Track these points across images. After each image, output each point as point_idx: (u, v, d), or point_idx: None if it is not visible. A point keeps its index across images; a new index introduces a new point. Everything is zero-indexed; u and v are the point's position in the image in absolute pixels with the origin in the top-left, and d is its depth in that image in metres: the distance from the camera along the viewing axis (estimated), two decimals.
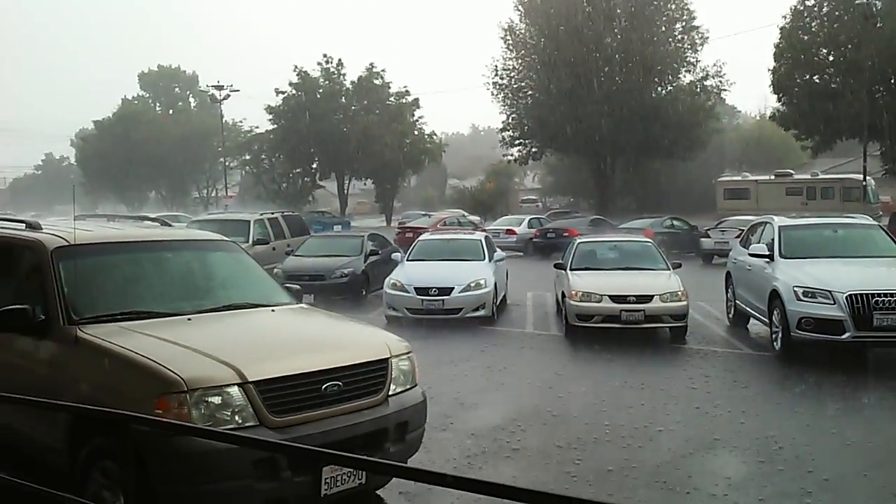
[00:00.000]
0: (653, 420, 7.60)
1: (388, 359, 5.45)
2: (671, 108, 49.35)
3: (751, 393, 8.85)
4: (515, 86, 54.18)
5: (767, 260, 11.21)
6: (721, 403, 8.35)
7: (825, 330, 9.60)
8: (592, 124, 48.64)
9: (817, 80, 39.59)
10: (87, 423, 4.80)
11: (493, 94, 54.72)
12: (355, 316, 10.13)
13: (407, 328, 12.74)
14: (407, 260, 15.00)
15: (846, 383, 9.04)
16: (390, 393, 5.42)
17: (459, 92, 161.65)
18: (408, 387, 5.61)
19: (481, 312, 13.38)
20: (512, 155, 57.03)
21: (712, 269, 22.87)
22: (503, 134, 55.34)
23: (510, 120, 54.76)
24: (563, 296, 12.55)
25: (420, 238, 16.45)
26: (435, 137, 62.98)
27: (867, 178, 38.72)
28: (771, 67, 40.86)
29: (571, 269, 13.11)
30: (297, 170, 62.78)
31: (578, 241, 14.48)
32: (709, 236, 25.37)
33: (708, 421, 7.70)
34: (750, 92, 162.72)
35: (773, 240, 11.48)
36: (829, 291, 9.63)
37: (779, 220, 11.97)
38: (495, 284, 13.87)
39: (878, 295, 9.35)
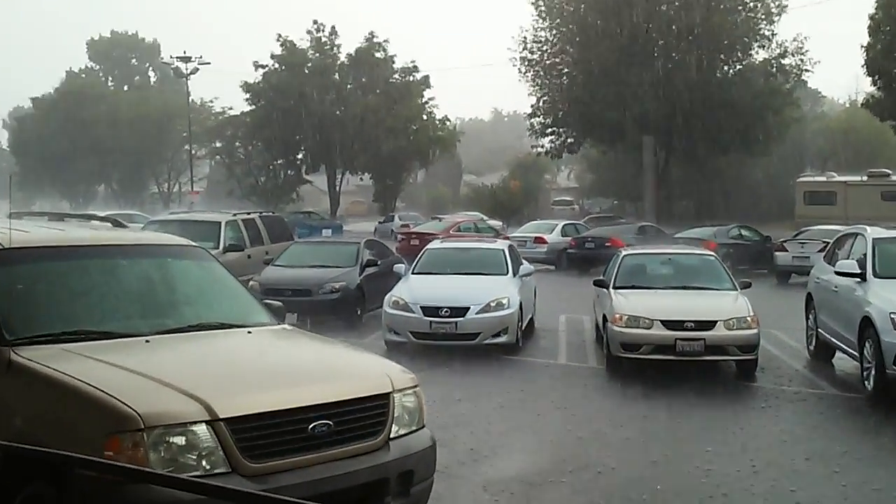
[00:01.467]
0: (716, 481, 7.55)
1: (389, 394, 5.48)
2: (740, 92, 49.30)
3: (838, 448, 8.79)
4: (548, 62, 54.37)
5: (858, 280, 11.19)
6: (801, 458, 8.29)
7: None
8: (642, 110, 48.70)
9: None
10: (20, 467, 4.82)
11: (520, 72, 55.00)
12: (349, 340, 10.17)
13: (411, 356, 12.76)
14: (412, 273, 15.05)
15: None
16: (392, 436, 5.44)
17: (479, 69, 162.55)
18: (413, 428, 5.63)
19: (503, 339, 13.40)
20: (542, 146, 57.19)
21: (789, 290, 22.78)
22: (532, 121, 55.57)
23: (541, 104, 54.95)
24: (605, 320, 12.55)
25: (429, 247, 16.49)
26: (448, 124, 63.31)
27: None
28: (864, 44, 40.77)
29: (615, 288, 13.12)
30: (279, 161, 63.21)
31: (624, 253, 14.50)
32: (785, 249, 25.31)
33: (789, 481, 7.64)
34: (838, 73, 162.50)
35: (864, 255, 11.45)
36: None
37: (872, 232, 11.95)
38: (521, 305, 13.90)
39: None
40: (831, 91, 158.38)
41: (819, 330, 12.82)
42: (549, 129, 55.46)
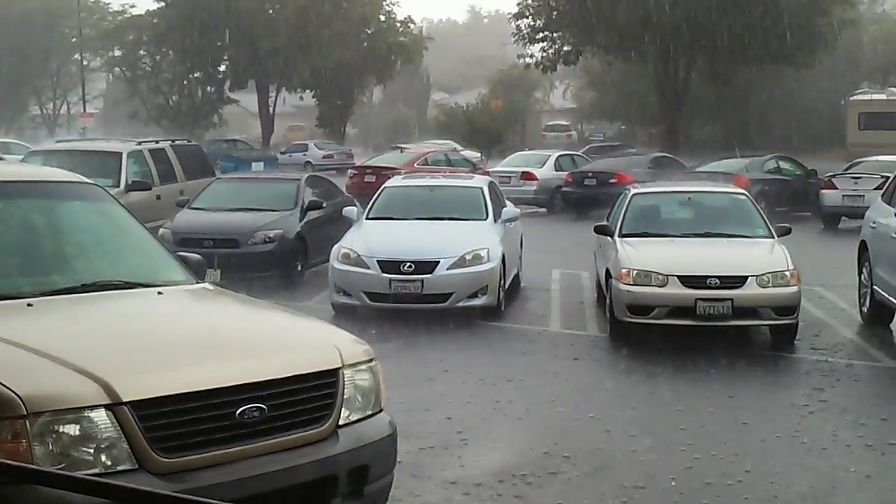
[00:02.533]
0: (750, 480, 7.68)
1: (338, 370, 5.51)
2: None
3: (873, 437, 8.97)
4: None
5: None
6: (857, 455, 8.45)
7: None
8: (657, 8, 48.51)
9: None
10: None
11: None
12: (287, 303, 10.18)
13: (366, 323, 12.80)
14: (367, 218, 15.05)
15: None
16: (341, 422, 5.48)
17: None
18: (368, 413, 5.68)
19: (481, 300, 13.48)
20: (532, 56, 56.94)
21: (838, 238, 23.06)
22: (519, 23, 55.25)
23: (530, 1, 54.60)
24: (609, 276, 12.65)
25: (387, 184, 16.47)
26: (412, 27, 62.91)
27: None
28: None
29: (622, 236, 13.20)
30: (196, 74, 62.58)
31: (633, 191, 14.57)
32: (834, 186, 25.54)
33: (834, 486, 7.79)
34: None
35: None
36: None
37: None
38: (503, 257, 13.95)
39: None
40: None
41: (875, 287, 12.96)
42: (541, 35, 55.19)
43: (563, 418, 9.29)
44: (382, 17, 60.93)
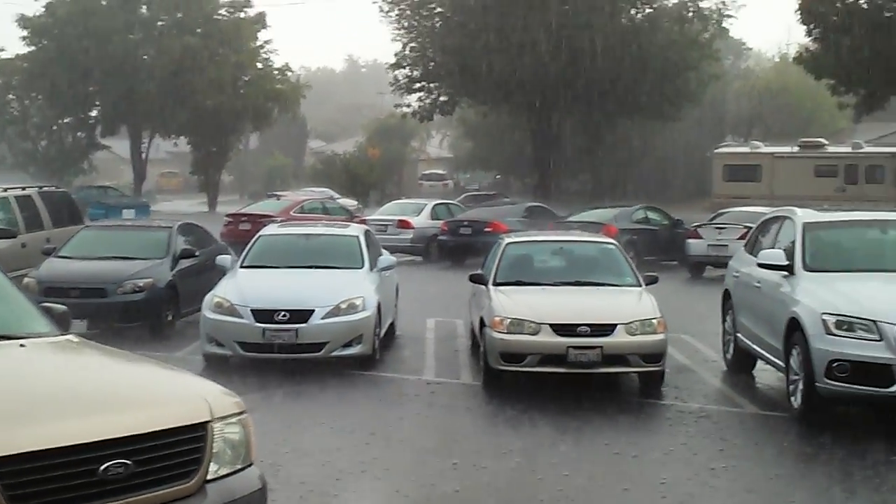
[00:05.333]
0: None
1: (207, 423, 5.45)
2: (650, 42, 50.63)
3: (760, 478, 9.20)
4: None
5: (785, 274, 11.70)
6: (720, 499, 8.64)
7: (867, 380, 10.05)
8: (532, 62, 49.47)
9: (866, 6, 41.48)
10: None
11: (382, 11, 54.98)
12: (155, 355, 9.98)
13: (238, 374, 12.64)
14: (241, 267, 14.89)
15: None
16: (210, 477, 5.42)
17: (330, 5, 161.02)
18: (238, 467, 5.62)
19: (356, 349, 13.43)
20: (409, 106, 57.38)
21: (704, 286, 23.66)
22: (396, 73, 55.67)
23: (408, 51, 55.09)
24: (483, 324, 12.73)
25: (262, 232, 16.34)
26: (290, 74, 62.73)
27: None
28: None
29: (496, 284, 13.31)
30: (66, 119, 61.22)
31: (507, 241, 14.72)
32: (699, 236, 26.24)
33: None
34: (767, 21, 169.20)
35: (793, 243, 11.97)
36: (874, 322, 10.10)
37: (803, 215, 12.51)
38: (379, 306, 13.95)
39: None
40: (758, 43, 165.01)
41: (738, 335, 13.35)
42: (418, 85, 55.68)
43: (434, 469, 9.26)
44: (259, 65, 60.65)
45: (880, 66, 39.44)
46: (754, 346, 12.68)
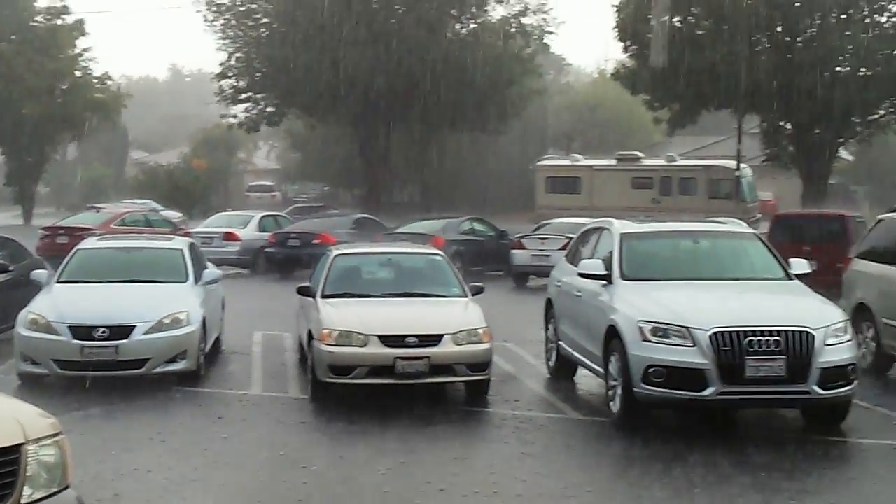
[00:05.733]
0: None
1: (20, 446, 5.30)
2: (475, 56, 51.36)
3: (578, 481, 9.40)
4: (243, 8, 53.98)
5: (604, 283, 12.02)
6: (538, 497, 8.79)
7: (681, 384, 10.44)
8: (359, 74, 49.54)
9: (679, 25, 43.11)
10: None
11: (206, 20, 54.21)
12: None
13: (55, 394, 12.25)
14: (58, 282, 14.40)
15: (717, 468, 9.88)
16: (24, 501, 5.27)
17: (153, 13, 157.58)
18: (54, 490, 5.47)
19: (180, 365, 13.16)
20: (235, 117, 56.70)
21: (527, 295, 24.09)
22: (222, 83, 54.92)
23: (234, 62, 54.44)
24: (311, 337, 12.66)
25: (80, 246, 15.84)
26: (110, 83, 60.96)
27: (742, 166, 42.73)
28: (616, 3, 43.86)
29: (324, 297, 13.25)
30: None
31: (336, 252, 14.66)
32: (523, 247, 26.73)
33: None
34: (586, 38, 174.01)
35: (611, 253, 12.32)
36: (688, 328, 10.50)
37: (620, 226, 12.88)
38: (204, 320, 13.72)
39: (753, 333, 10.34)
40: (578, 59, 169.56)
41: (560, 342, 13.65)
42: (244, 95, 55.11)
43: (262, 485, 9.15)
44: (78, 73, 58.81)
45: (692, 83, 41.03)
46: (575, 354, 12.97)
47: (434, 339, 12.01)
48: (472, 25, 54.80)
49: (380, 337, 11.96)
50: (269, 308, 20.60)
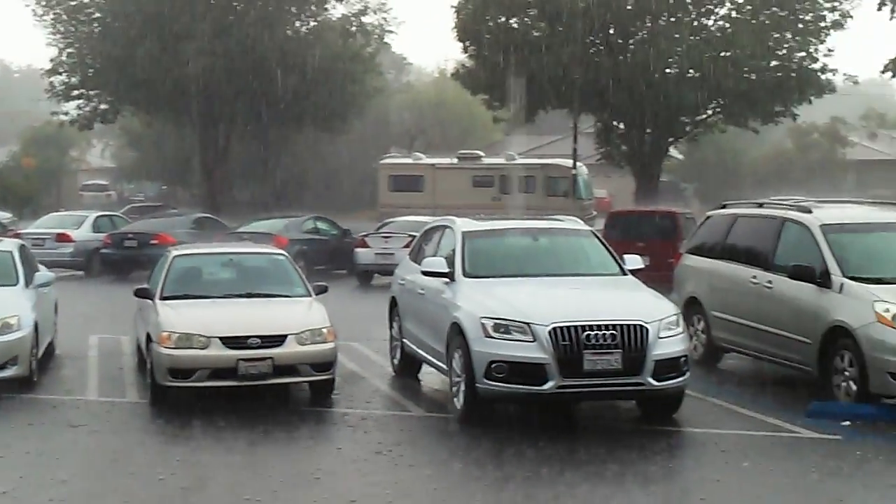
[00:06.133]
0: None
1: None
2: (314, 55, 51.03)
3: (426, 480, 9.44)
4: (74, 2, 52.23)
5: (446, 280, 12.10)
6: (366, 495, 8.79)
7: (523, 379, 10.58)
8: (195, 71, 48.54)
9: (516, 26, 43.72)
10: None
11: (35, 14, 52.27)
12: None
13: None
14: None
15: (558, 459, 10.05)
16: None
17: None
18: None
19: (11, 371, 12.69)
20: (67, 113, 54.85)
21: (372, 294, 24.07)
22: (53, 80, 53.03)
23: (64, 57, 52.65)
24: (150, 340, 12.36)
25: None
26: None
27: (578, 164, 43.65)
28: (455, 4, 44.21)
29: (163, 299, 12.98)
30: None
31: (174, 253, 14.34)
32: (367, 245, 26.66)
33: None
34: (426, 38, 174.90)
35: (454, 251, 12.41)
36: (528, 324, 10.66)
37: (462, 224, 12.99)
38: (36, 325, 13.26)
39: (590, 328, 10.56)
40: (419, 58, 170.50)
41: (404, 340, 13.68)
42: (77, 92, 53.32)
43: (98, 493, 8.89)
44: None
45: (529, 84, 41.69)
46: (420, 351, 13.02)
47: (277, 340, 11.90)
48: (313, 23, 54.38)
49: (221, 339, 11.78)
50: (106, 311, 20.06)
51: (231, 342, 11.77)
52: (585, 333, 10.51)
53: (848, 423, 10.97)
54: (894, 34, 46.76)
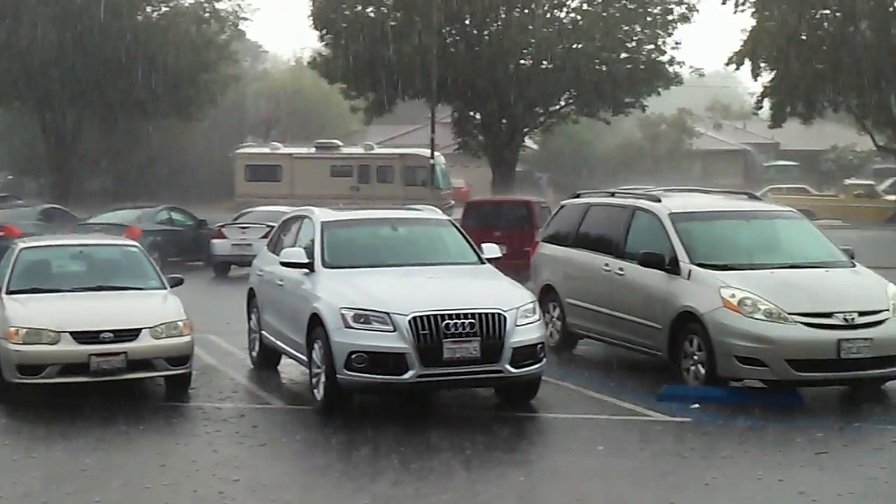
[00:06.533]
0: None
1: None
2: (166, 42, 49.92)
3: (291, 473, 9.38)
4: None
5: (306, 271, 12.02)
6: (232, 491, 8.69)
7: (383, 368, 10.61)
8: (42, 56, 46.97)
9: (373, 14, 43.64)
10: None
11: None
12: None
13: None
14: None
15: (419, 448, 10.09)
16: None
17: None
18: None
19: None
20: None
21: (229, 286, 23.78)
22: None
23: None
24: None
25: None
26: None
27: (435, 154, 43.89)
28: None
29: (9, 293, 12.61)
30: None
31: (21, 246, 13.91)
32: (224, 236, 26.30)
33: None
34: (283, 26, 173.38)
35: (312, 242, 12.33)
36: (388, 314, 10.67)
37: (320, 214, 12.92)
38: None
39: (449, 317, 10.64)
40: (275, 46, 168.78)
41: (263, 332, 13.55)
42: None
43: None
44: None
45: (387, 73, 41.76)
46: (279, 343, 12.92)
47: (131, 334, 11.66)
48: (165, 9, 53.26)
49: (72, 333, 11.51)
50: None
51: (82, 337, 11.48)
52: (445, 322, 10.58)
53: (697, 405, 11.30)
54: (738, 28, 48.52)
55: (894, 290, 12.01)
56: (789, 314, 11.32)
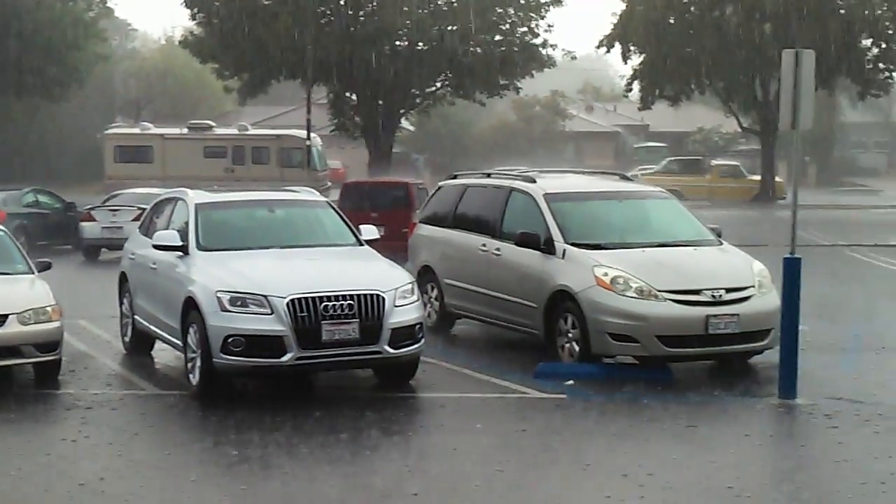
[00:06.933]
0: None
1: None
2: (31, 18, 48.42)
3: (159, 459, 9.22)
4: None
5: (180, 254, 11.82)
6: (128, 481, 8.53)
7: (261, 352, 10.53)
8: None
9: None
10: None
11: None
12: None
13: None
14: None
15: (299, 430, 10.03)
16: None
17: None
18: None
19: None
20: None
21: (100, 269, 23.24)
22: None
23: None
24: None
25: None
26: None
27: (312, 135, 43.52)
28: None
29: None
30: None
31: None
32: (93, 219, 25.66)
33: None
34: (153, 3, 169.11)
35: (186, 224, 12.13)
36: (265, 297, 10.58)
37: (195, 196, 12.70)
38: None
39: (328, 298, 10.60)
40: (144, 24, 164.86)
41: (136, 317, 13.26)
42: None
43: None
44: None
45: (261, 53, 41.18)
46: (152, 328, 12.67)
47: None
48: None
49: None
50: None
51: None
52: (323, 304, 10.55)
53: (572, 382, 11.50)
54: (609, 12, 49.49)
55: (759, 268, 12.40)
56: (660, 291, 11.60)
